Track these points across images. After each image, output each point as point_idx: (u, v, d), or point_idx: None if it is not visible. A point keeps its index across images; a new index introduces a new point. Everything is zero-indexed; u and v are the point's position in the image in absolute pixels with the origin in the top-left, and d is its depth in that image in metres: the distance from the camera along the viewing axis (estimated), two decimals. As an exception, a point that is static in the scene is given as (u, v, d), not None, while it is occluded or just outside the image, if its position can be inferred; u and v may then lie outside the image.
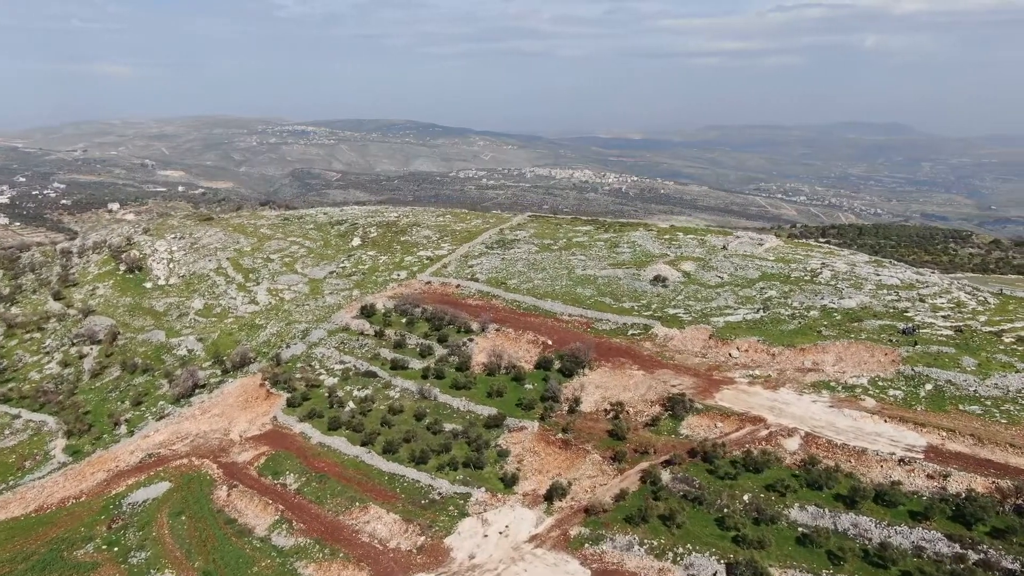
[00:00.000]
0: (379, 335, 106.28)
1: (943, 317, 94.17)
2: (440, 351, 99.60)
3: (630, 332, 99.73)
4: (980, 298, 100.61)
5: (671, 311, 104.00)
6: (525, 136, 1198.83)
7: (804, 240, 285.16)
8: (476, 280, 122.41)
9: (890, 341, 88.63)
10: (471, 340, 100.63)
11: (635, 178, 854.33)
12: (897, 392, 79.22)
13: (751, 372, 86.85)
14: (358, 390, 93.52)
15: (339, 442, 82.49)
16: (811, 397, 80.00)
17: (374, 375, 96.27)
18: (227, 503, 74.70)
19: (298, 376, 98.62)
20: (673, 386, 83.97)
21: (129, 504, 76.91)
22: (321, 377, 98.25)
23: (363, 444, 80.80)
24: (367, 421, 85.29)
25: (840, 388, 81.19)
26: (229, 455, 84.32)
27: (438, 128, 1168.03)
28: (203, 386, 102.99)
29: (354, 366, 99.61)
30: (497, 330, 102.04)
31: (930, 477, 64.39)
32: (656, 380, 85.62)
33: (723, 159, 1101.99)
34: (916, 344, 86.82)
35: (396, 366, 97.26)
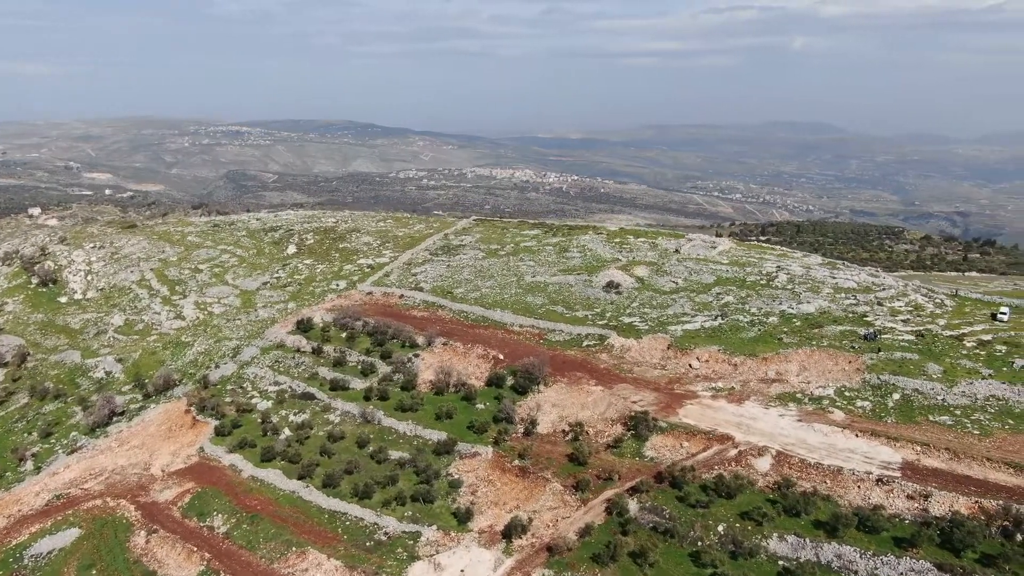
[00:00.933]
0: (317, 352, 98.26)
1: (903, 321, 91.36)
2: (384, 369, 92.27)
3: (585, 343, 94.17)
4: (936, 300, 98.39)
5: (627, 320, 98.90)
6: (465, 136, 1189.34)
7: (748, 239, 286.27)
8: (421, 289, 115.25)
9: (852, 348, 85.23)
10: (417, 356, 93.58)
11: (575, 177, 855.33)
12: (865, 403, 75.54)
13: (714, 385, 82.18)
14: (294, 415, 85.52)
15: (273, 475, 74.54)
16: (778, 411, 75.68)
17: (312, 397, 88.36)
18: (145, 551, 66.17)
19: (228, 400, 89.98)
20: (634, 402, 78.62)
21: (32, 557, 67.62)
22: (253, 401, 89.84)
23: (300, 477, 73.09)
24: (304, 450, 77.54)
25: (807, 400, 77.12)
26: (149, 494, 75.47)
27: (377, 128, 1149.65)
28: (122, 413, 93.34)
29: (290, 387, 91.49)
30: (445, 344, 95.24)
31: (911, 498, 60.40)
32: (616, 396, 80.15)
33: (660, 158, 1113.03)
34: (880, 351, 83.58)
35: (336, 387, 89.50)
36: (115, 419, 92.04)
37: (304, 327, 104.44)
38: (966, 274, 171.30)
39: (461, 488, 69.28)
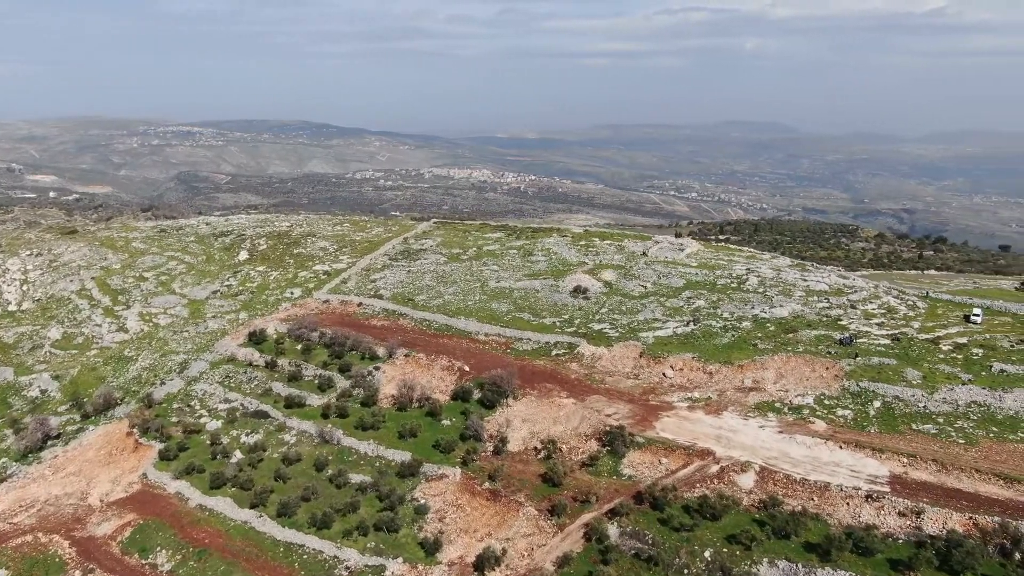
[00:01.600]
0: (271, 366, 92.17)
1: (878, 325, 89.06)
2: (342, 383, 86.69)
3: (554, 352, 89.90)
4: (909, 302, 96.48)
5: (596, 326, 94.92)
6: (422, 136, 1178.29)
7: (707, 238, 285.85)
8: (380, 297, 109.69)
9: (829, 353, 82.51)
10: (378, 369, 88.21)
11: (533, 177, 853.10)
12: (846, 412, 72.68)
13: (690, 395, 78.58)
14: (246, 435, 79.49)
15: (223, 504, 68.61)
16: (758, 422, 72.33)
17: (265, 415, 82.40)
18: (80, 595, 59.86)
19: (174, 420, 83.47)
20: (608, 415, 74.54)
21: (-49, 604, 60.78)
22: (202, 420, 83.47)
23: (253, 506, 67.31)
24: (257, 475, 71.73)
25: (787, 410, 73.96)
26: (86, 527, 68.88)
27: (333, 128, 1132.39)
28: (57, 436, 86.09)
29: (242, 405, 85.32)
30: (407, 355, 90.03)
31: (902, 515, 57.33)
32: (588, 409, 75.97)
33: (617, 157, 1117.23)
34: (857, 356, 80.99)
35: (291, 403, 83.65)
36: (50, 443, 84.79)
37: (257, 339, 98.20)
38: (925, 272, 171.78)
39: (428, 514, 64.31)
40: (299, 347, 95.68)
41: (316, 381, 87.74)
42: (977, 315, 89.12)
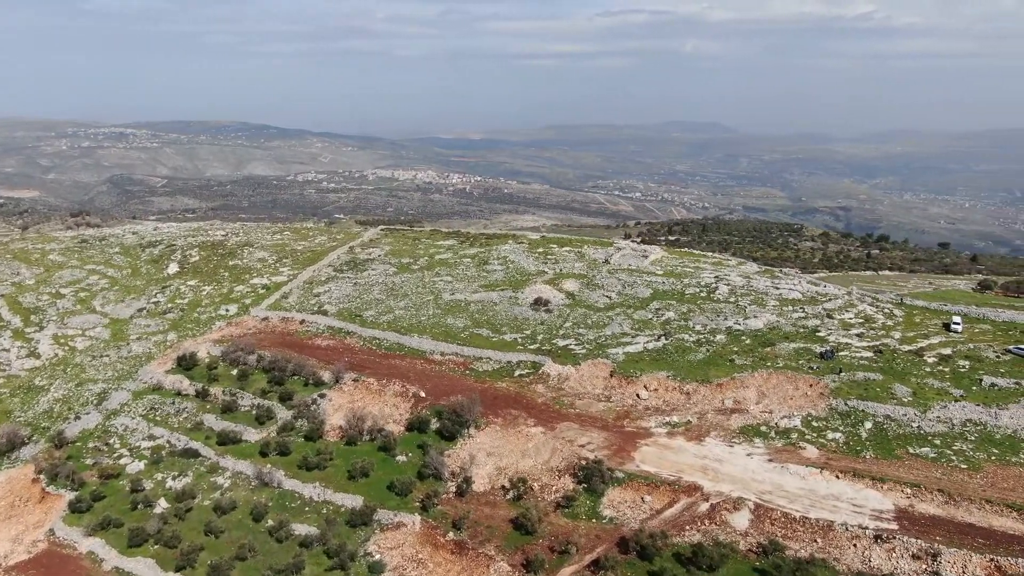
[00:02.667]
0: (202, 395, 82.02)
1: (857, 336, 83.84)
2: (284, 414, 77.27)
3: (517, 373, 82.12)
4: (885, 310, 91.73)
5: (561, 342, 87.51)
6: (365, 137, 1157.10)
7: (656, 238, 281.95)
8: (325, 313, 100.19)
9: (811, 369, 76.79)
10: (323, 396, 79.05)
11: (478, 178, 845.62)
12: (837, 435, 66.85)
13: (668, 419, 71.74)
14: (173, 479, 69.50)
15: (144, 567, 58.81)
16: (744, 449, 65.88)
17: (196, 455, 72.48)
18: None
19: (89, 463, 72.83)
20: (582, 446, 67.13)
21: None
22: (122, 461, 73.05)
23: (179, 568, 57.76)
24: (185, 529, 62.03)
25: (774, 434, 67.77)
26: (-22, 600, 58.32)
27: (273, 129, 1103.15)
28: (-49, 485, 74.45)
29: (168, 442, 75.15)
30: (356, 380, 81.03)
31: (916, 558, 51.34)
32: (560, 439, 68.40)
33: (561, 158, 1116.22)
34: (841, 371, 75.45)
35: (225, 439, 73.87)
36: (-58, 493, 73.08)
37: (187, 364, 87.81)
38: (880, 273, 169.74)
39: (385, 573, 55.72)
40: (234, 372, 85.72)
41: (254, 412, 78.08)
42: (957, 324, 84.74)
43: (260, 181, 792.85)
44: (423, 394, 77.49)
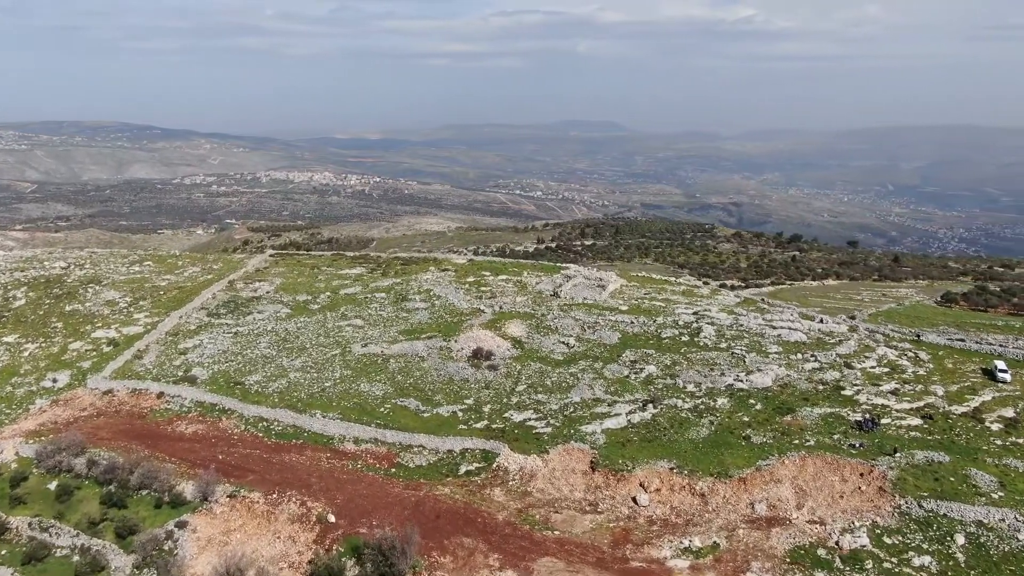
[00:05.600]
0: (-4, 532, 53.93)
1: (892, 394, 64.74)
2: (120, 562, 50.54)
3: (464, 469, 58.49)
4: (908, 353, 73.28)
5: (516, 415, 64.44)
6: (258, 138, 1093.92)
7: (572, 244, 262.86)
8: (193, 381, 72.96)
9: (853, 448, 56.90)
10: (184, 526, 52.73)
11: (378, 179, 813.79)
12: (925, 559, 46.96)
13: (685, 542, 49.94)
14: None
15: None
16: (808, 593, 44.96)
17: (-32, 653, 45.01)
18: None
19: None
20: (576, 605, 44.36)
21: None
22: None
23: None
24: None
25: (839, 562, 47.16)
26: None
27: (156, 130, 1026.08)
28: None
29: (-72, 627, 47.13)
30: (233, 496, 55.05)
31: None
32: (542, 593, 45.31)
33: (461, 157, 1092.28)
34: (896, 451, 55.97)
35: (22, 619, 46.61)
36: None
37: (-21, 476, 59.16)
38: (825, 283, 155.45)
39: None
40: (53, 487, 57.91)
41: (73, 561, 50.90)
42: (1004, 371, 67.09)
43: (143, 185, 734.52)
44: (332, 517, 52.55)
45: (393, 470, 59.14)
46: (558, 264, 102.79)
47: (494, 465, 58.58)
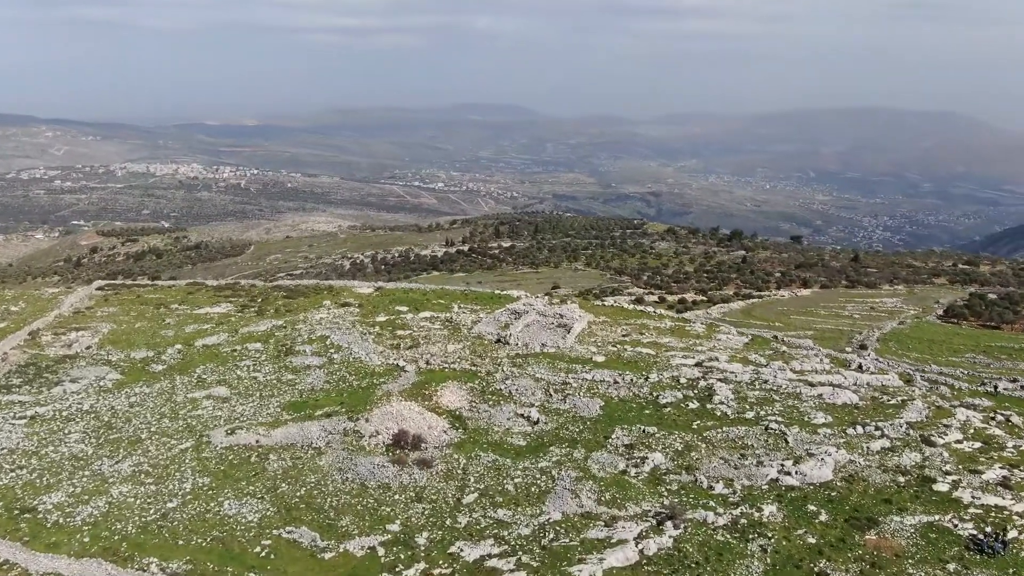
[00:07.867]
0: None
1: (1003, 486, 49.53)
2: None
3: (395, 666, 38.88)
4: (996, 416, 58.76)
5: (468, 550, 45.40)
6: (111, 124, 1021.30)
7: (488, 247, 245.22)
8: (-52, 512, 49.97)
9: (978, 585, 41.21)
10: None
11: (256, 171, 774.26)
12: None
13: None
14: None
15: None
16: None
17: None
18: None
19: None
20: None
21: None
22: None
23: None
24: None
25: None
26: None
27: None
28: None
29: None
30: None
31: None
32: None
33: (350, 146, 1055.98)
34: (1046, 593, 40.60)
35: None
36: None
37: None
38: (798, 294, 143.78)
39: None
40: None
41: None
42: None
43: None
44: None
45: (277, 674, 38.92)
46: (498, 293, 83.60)
47: (444, 653, 39.36)
